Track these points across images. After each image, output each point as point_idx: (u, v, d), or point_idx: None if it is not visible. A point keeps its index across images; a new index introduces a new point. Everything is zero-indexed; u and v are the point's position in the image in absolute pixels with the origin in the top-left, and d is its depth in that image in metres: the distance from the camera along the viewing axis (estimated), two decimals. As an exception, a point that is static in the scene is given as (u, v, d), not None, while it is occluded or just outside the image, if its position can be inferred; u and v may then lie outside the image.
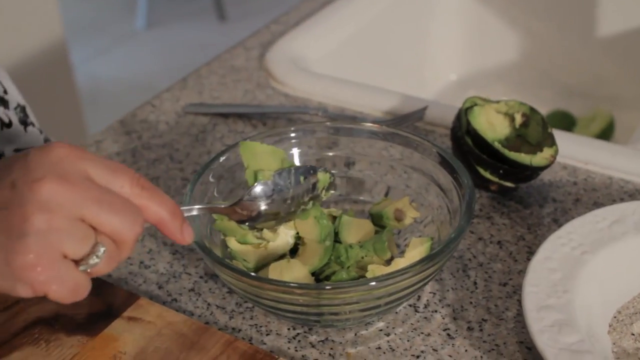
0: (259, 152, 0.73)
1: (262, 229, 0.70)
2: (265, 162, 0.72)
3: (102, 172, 0.55)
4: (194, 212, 0.66)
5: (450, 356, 0.66)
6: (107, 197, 0.54)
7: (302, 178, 0.70)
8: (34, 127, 0.87)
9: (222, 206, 0.68)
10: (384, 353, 0.67)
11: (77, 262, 0.54)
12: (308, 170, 0.71)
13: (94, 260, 0.54)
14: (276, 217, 0.69)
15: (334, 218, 0.74)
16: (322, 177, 0.71)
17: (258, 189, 0.69)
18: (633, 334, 0.66)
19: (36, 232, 0.52)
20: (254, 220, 0.68)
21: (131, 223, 0.55)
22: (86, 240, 0.54)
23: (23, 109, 0.86)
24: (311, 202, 0.71)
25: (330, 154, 0.79)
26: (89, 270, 0.55)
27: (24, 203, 0.53)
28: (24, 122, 0.85)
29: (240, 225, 0.69)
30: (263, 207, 0.68)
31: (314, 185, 0.71)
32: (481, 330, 0.68)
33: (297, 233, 0.72)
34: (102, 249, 0.55)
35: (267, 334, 0.69)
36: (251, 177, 0.71)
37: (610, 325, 0.67)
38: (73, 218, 0.53)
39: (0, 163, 0.56)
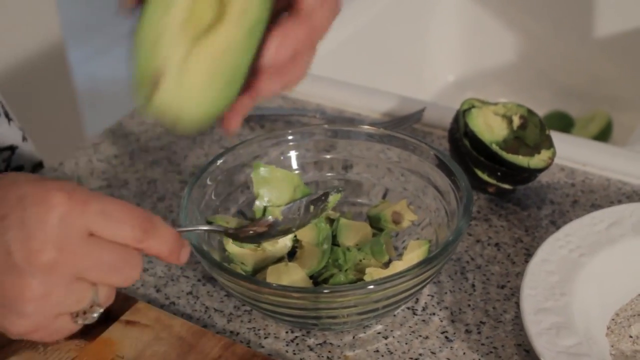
0: (272, 178, 0.73)
1: (262, 248, 0.71)
2: (277, 190, 0.72)
3: (106, 225, 0.54)
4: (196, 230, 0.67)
5: (448, 359, 0.66)
6: (108, 258, 0.54)
7: (312, 207, 0.70)
8: (14, 123, 0.87)
9: (229, 230, 0.68)
10: (382, 356, 0.67)
11: (74, 315, 0.56)
12: (319, 198, 0.70)
13: (89, 320, 0.57)
14: (282, 234, 0.70)
15: (332, 221, 0.74)
16: (333, 199, 0.71)
17: (264, 222, 0.69)
18: (631, 336, 0.66)
19: (34, 302, 0.52)
20: (259, 239, 0.69)
21: (130, 276, 0.56)
22: (83, 301, 0.55)
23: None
24: (317, 218, 0.71)
25: (328, 156, 0.79)
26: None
27: (21, 274, 0.52)
28: (6, 115, 0.85)
29: (244, 245, 0.70)
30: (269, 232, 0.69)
31: (324, 207, 0.71)
32: (479, 332, 0.68)
33: (295, 236, 0.72)
34: (98, 311, 0.56)
35: (265, 337, 0.69)
36: (259, 211, 0.71)
37: (608, 328, 0.67)
38: (71, 281, 0.53)
39: None
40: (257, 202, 0.72)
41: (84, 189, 0.54)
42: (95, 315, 0.57)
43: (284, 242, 0.71)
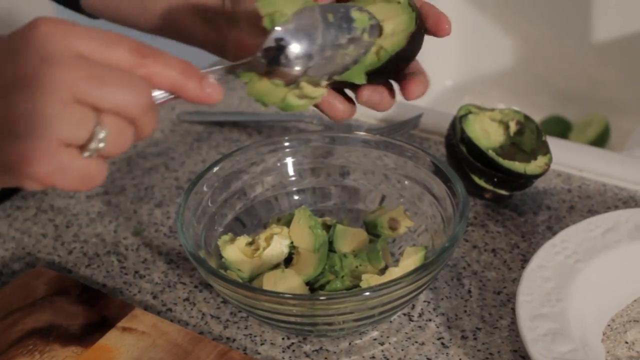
0: None
1: (300, 86, 0.60)
2: (285, 6, 0.61)
3: (96, 47, 0.49)
4: (214, 72, 0.57)
5: (444, 365, 0.66)
6: (101, 73, 0.49)
7: (330, 16, 0.60)
8: None
9: (244, 61, 0.58)
10: (379, 362, 0.67)
11: (81, 148, 0.49)
12: (337, 9, 0.61)
13: (95, 144, 0.49)
14: (311, 64, 0.59)
15: (328, 227, 0.74)
16: (359, 17, 0.61)
17: (278, 33, 0.59)
18: (627, 342, 0.66)
19: (25, 122, 0.48)
20: (285, 66, 0.59)
21: (135, 95, 0.49)
22: (82, 124, 0.49)
23: None
24: (353, 47, 0.61)
25: (325, 163, 0.79)
26: (96, 155, 0.50)
27: (5, 93, 0.48)
28: None
29: (274, 82, 0.59)
30: (291, 50, 0.59)
31: (350, 27, 0.61)
32: (475, 339, 0.68)
33: (292, 243, 0.72)
34: (102, 132, 0.49)
35: (262, 344, 0.69)
36: (269, 22, 0.60)
37: (604, 334, 0.67)
38: (65, 102, 0.48)
39: None
40: (265, 18, 0.60)
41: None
42: (100, 142, 0.49)
43: (281, 248, 0.71)
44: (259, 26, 0.61)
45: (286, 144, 0.78)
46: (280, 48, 0.59)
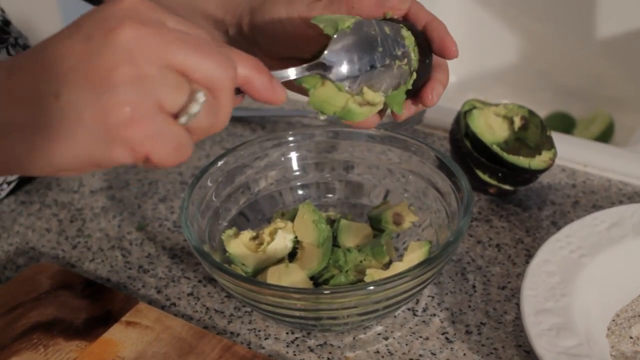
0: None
1: (362, 91, 0.60)
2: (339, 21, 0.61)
3: (179, 24, 0.49)
4: (291, 76, 0.58)
5: (448, 360, 0.66)
6: (192, 40, 0.48)
7: (386, 29, 0.61)
8: None
9: (314, 62, 0.59)
10: (383, 357, 0.67)
11: (175, 117, 0.48)
12: (391, 24, 0.62)
13: (194, 108, 0.48)
14: (371, 70, 0.60)
15: (332, 222, 0.74)
16: (407, 34, 0.62)
17: (342, 37, 0.59)
18: (631, 337, 0.66)
19: (126, 82, 0.46)
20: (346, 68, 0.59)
21: (224, 66, 0.48)
22: (181, 89, 0.47)
23: None
24: (406, 60, 0.61)
25: (329, 157, 0.79)
26: (189, 125, 0.48)
27: (103, 53, 0.46)
28: None
29: (337, 84, 0.59)
30: (354, 55, 0.59)
31: (402, 43, 0.61)
32: (479, 333, 0.68)
33: (296, 237, 0.72)
34: (201, 94, 0.48)
35: (266, 338, 0.69)
36: (330, 29, 0.59)
37: (608, 329, 0.67)
38: (161, 65, 0.47)
39: (66, 28, 0.48)
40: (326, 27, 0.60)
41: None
42: (198, 106, 0.48)
43: (285, 243, 0.71)
44: (278, 52, 0.63)
45: (290, 138, 0.78)
46: (343, 53, 0.59)
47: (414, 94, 0.63)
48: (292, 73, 0.57)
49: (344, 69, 0.59)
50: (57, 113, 0.46)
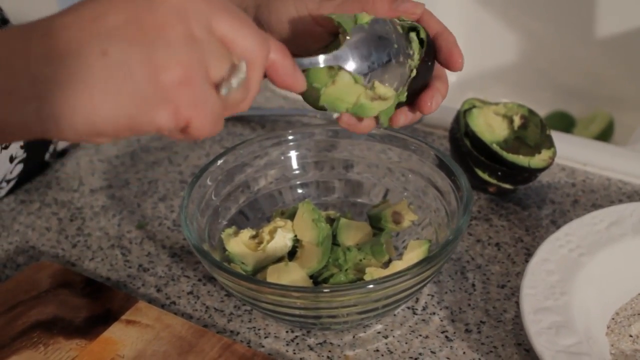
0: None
1: (374, 85, 0.61)
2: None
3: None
4: (315, 63, 0.59)
5: (448, 358, 0.66)
6: (236, 13, 0.49)
7: (399, 27, 0.63)
8: None
9: (335, 52, 0.60)
10: (382, 355, 0.67)
11: (216, 87, 0.48)
12: (403, 25, 0.63)
13: (235, 80, 0.48)
14: (388, 61, 0.61)
15: (332, 220, 0.74)
16: (413, 37, 0.63)
17: (356, 34, 0.61)
18: (631, 336, 0.66)
19: (180, 41, 0.45)
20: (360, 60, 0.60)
21: (261, 44, 0.49)
22: (225, 58, 0.48)
23: None
24: (415, 58, 0.62)
25: (329, 156, 0.79)
26: (226, 97, 0.48)
27: (155, 10, 0.46)
28: None
29: (355, 76, 0.60)
30: (370, 48, 0.61)
31: (410, 44, 0.63)
32: (479, 332, 0.68)
33: (295, 236, 0.72)
34: (243, 67, 0.48)
35: (266, 337, 0.69)
36: (349, 23, 0.61)
37: (608, 327, 0.67)
38: (209, 31, 0.47)
39: None
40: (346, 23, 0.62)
41: None
42: (242, 75, 0.48)
43: (284, 242, 0.71)
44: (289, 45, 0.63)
45: (290, 137, 0.78)
46: (358, 48, 0.60)
47: (412, 100, 0.63)
48: (316, 61, 0.58)
49: (358, 63, 0.60)
50: (104, 70, 0.45)
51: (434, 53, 0.63)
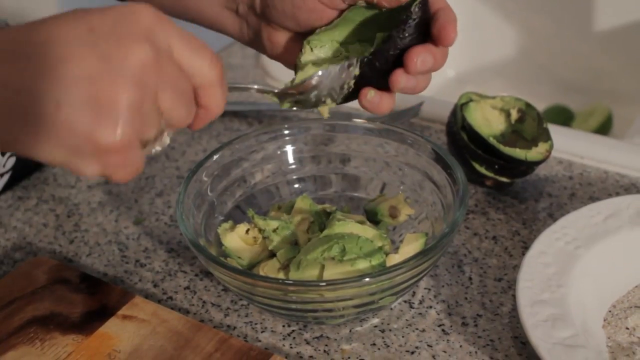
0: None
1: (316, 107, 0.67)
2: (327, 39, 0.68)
3: (186, 50, 0.52)
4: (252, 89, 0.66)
5: (444, 352, 0.66)
6: (181, 85, 0.51)
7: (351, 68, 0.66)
8: None
9: (275, 90, 0.66)
10: (379, 349, 0.67)
11: (144, 145, 0.52)
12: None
13: (161, 145, 0.53)
14: (330, 94, 0.67)
15: (329, 214, 0.74)
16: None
17: (315, 76, 0.66)
18: (627, 328, 0.66)
19: (127, 113, 0.48)
20: (306, 94, 0.66)
21: (188, 116, 0.53)
22: (157, 127, 0.51)
23: None
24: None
25: (326, 150, 0.79)
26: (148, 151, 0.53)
27: (116, 78, 0.48)
28: None
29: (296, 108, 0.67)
30: (314, 83, 0.66)
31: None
32: (476, 325, 0.68)
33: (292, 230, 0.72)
34: (167, 139, 0.53)
35: (262, 331, 0.69)
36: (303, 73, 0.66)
37: (604, 320, 0.67)
38: (154, 101, 0.50)
39: (75, 22, 0.50)
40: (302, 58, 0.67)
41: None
42: (160, 148, 0.53)
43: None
44: (288, 27, 0.66)
45: (286, 131, 0.78)
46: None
47: (395, 65, 0.64)
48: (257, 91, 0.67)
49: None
50: (53, 124, 0.48)
51: (427, 28, 0.63)
